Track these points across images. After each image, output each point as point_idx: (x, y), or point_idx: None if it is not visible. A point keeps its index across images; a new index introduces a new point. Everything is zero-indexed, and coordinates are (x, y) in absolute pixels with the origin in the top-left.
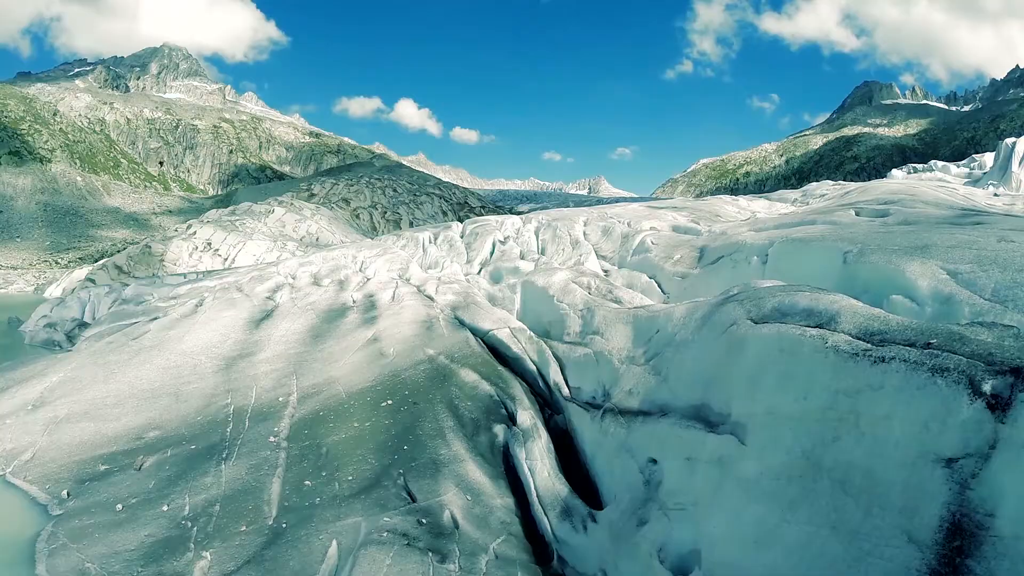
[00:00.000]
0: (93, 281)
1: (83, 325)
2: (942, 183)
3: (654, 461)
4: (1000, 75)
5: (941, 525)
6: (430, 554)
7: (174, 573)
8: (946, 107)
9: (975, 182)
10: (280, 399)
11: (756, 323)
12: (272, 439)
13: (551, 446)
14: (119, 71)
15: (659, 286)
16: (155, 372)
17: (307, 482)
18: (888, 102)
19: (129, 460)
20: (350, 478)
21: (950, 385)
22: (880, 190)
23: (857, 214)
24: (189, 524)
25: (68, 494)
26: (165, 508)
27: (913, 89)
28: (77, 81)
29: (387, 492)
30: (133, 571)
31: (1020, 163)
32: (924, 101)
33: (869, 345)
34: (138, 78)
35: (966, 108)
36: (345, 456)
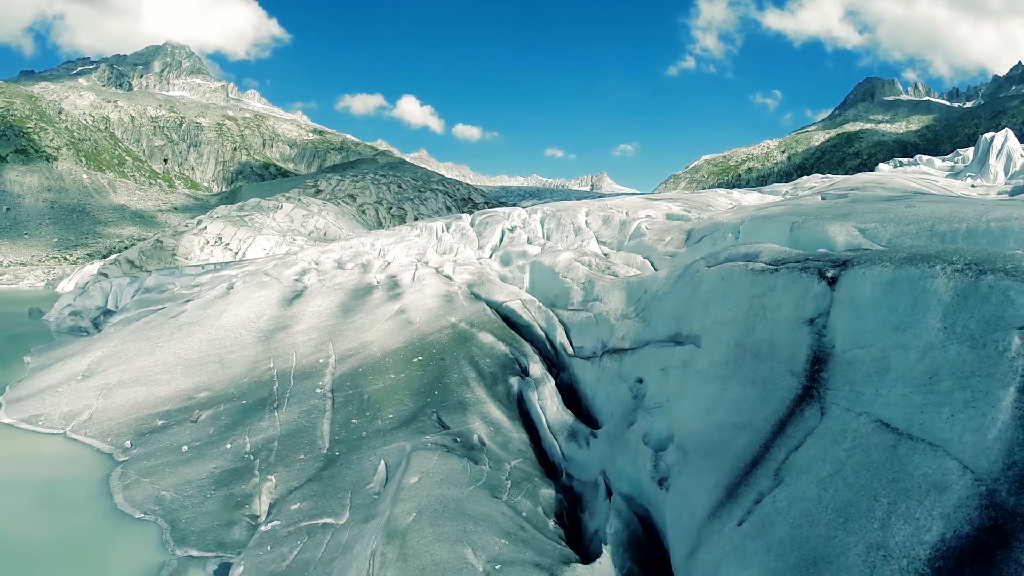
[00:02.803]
0: (106, 275)
1: (107, 313)
2: (924, 175)
3: (640, 381)
4: (1002, 72)
5: (808, 359)
6: (466, 459)
7: (243, 493)
8: (948, 103)
9: (956, 174)
10: (320, 360)
11: (710, 267)
12: (318, 390)
13: (558, 390)
14: (122, 69)
15: (652, 265)
16: (198, 344)
17: (353, 421)
18: (890, 98)
19: (184, 416)
20: (391, 416)
21: (809, 276)
22: (857, 180)
23: (823, 199)
24: (252, 457)
25: (131, 444)
26: (228, 446)
27: (915, 85)
28: (81, 79)
29: (424, 424)
30: (206, 495)
31: (997, 156)
32: (926, 97)
33: (774, 266)
34: (141, 76)
35: (968, 104)
36: (385, 400)
